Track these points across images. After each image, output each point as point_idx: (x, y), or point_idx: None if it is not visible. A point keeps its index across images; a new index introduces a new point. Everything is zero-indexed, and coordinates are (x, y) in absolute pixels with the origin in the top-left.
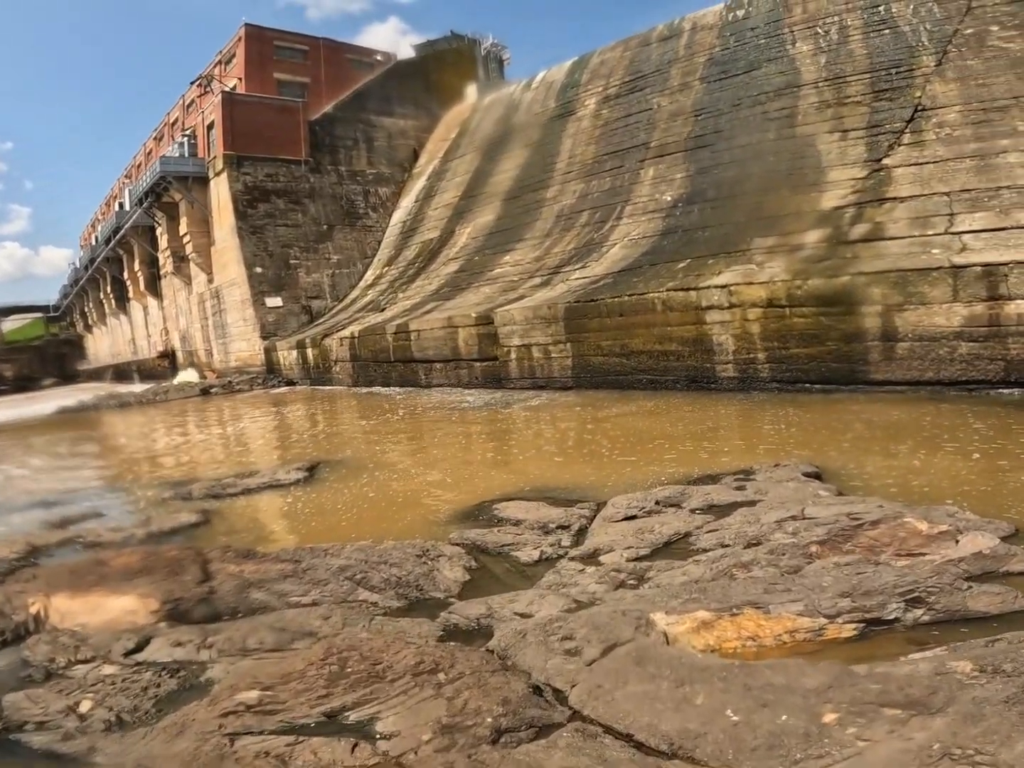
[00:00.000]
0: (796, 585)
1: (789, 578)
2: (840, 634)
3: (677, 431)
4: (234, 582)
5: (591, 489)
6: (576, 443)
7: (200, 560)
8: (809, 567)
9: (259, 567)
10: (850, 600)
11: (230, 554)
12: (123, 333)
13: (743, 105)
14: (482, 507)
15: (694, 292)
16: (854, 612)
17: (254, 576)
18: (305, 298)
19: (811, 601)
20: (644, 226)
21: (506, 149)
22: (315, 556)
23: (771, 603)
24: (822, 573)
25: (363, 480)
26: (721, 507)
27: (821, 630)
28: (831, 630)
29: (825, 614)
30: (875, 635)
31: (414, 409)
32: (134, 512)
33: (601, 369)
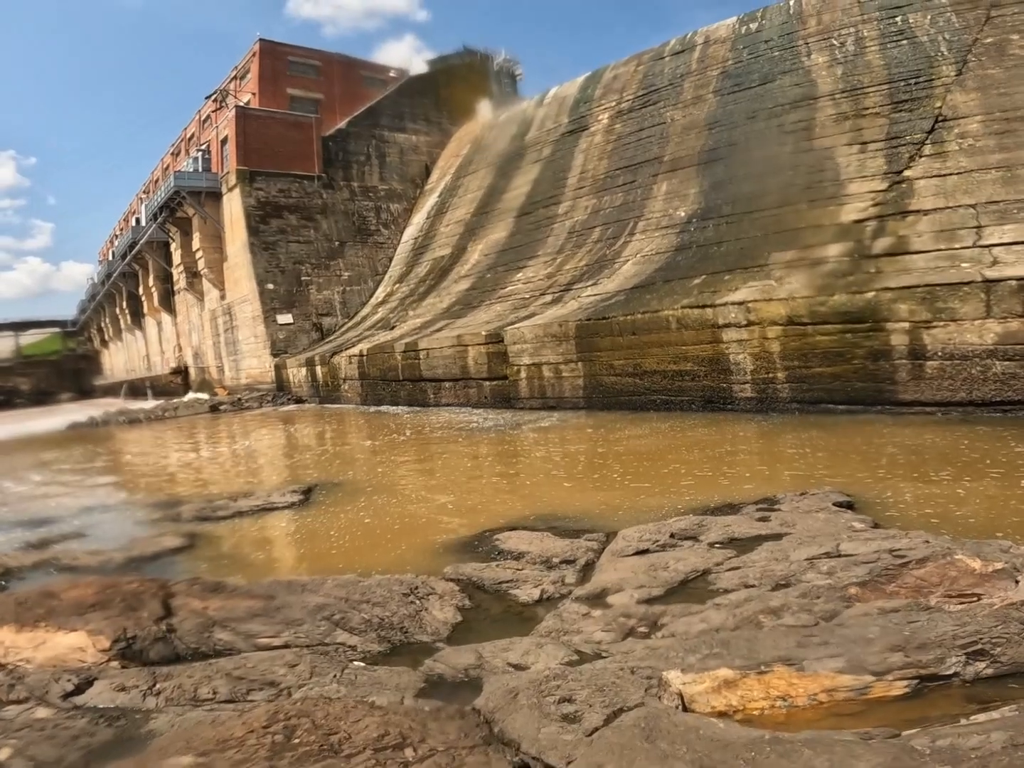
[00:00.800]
0: (835, 636)
1: (827, 628)
2: (889, 692)
3: (693, 455)
4: (196, 620)
5: (600, 518)
6: (586, 467)
7: (162, 594)
8: (848, 612)
9: (226, 603)
10: (902, 655)
11: (196, 588)
12: (138, 349)
13: (758, 118)
14: (483, 537)
15: (710, 309)
16: (907, 668)
17: (219, 614)
18: (316, 315)
19: (854, 655)
20: (657, 242)
21: (518, 165)
22: (291, 592)
23: (806, 658)
24: (866, 621)
25: (360, 504)
26: (743, 541)
27: (865, 688)
28: (878, 688)
29: (872, 671)
30: (928, 691)
31: (421, 429)
32: (119, 534)
33: (613, 389)
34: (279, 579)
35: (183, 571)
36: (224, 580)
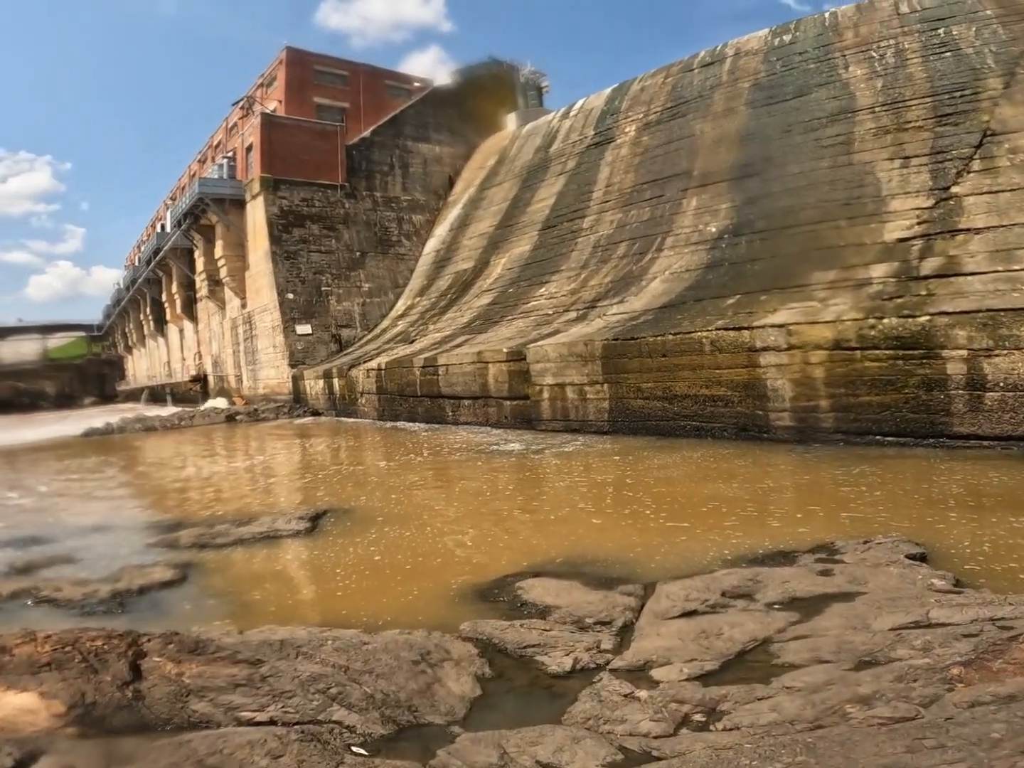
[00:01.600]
0: (952, 737)
1: (939, 725)
2: None
3: (733, 490)
4: (169, 688)
5: (636, 564)
6: (616, 501)
7: (131, 653)
8: (952, 698)
9: (206, 669)
10: None
11: (171, 648)
12: (160, 355)
13: (793, 131)
14: (504, 583)
15: (747, 332)
16: None
17: (197, 682)
18: (335, 326)
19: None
20: (687, 258)
21: (543, 178)
22: (282, 656)
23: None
24: (984, 714)
25: (370, 536)
26: (807, 601)
27: None
28: None
29: None
30: None
31: (439, 450)
32: (111, 560)
33: (641, 413)
34: (270, 638)
35: (168, 612)
36: (207, 635)
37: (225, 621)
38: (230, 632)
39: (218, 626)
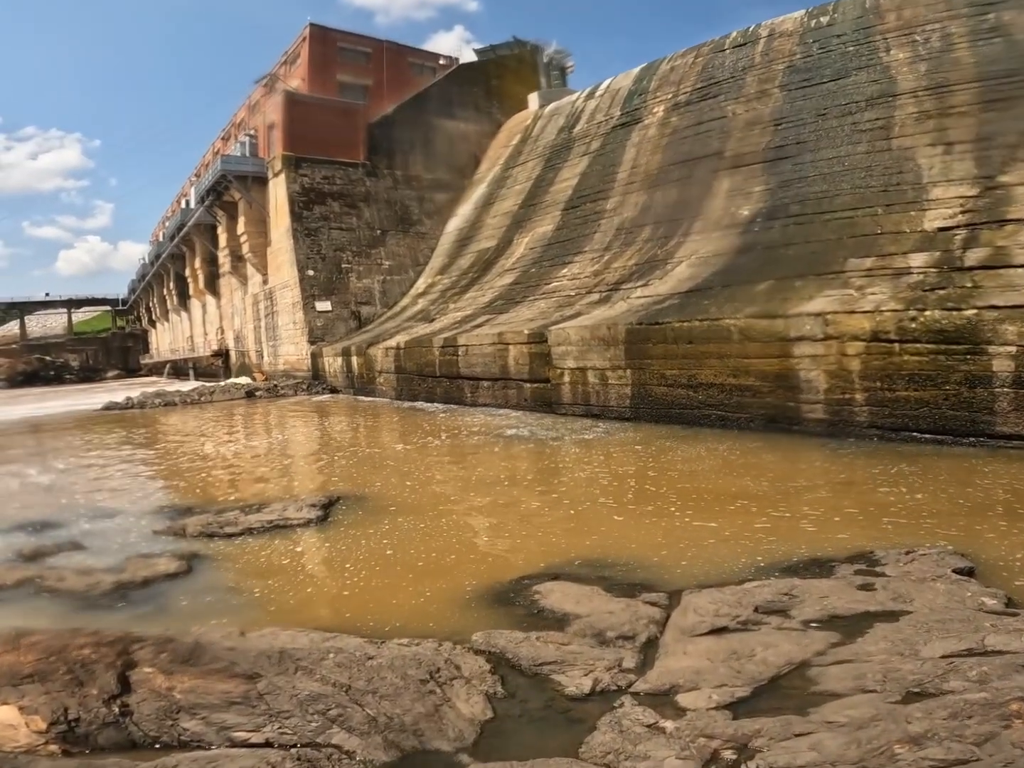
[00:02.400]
0: None
1: None
2: None
3: (763, 487)
4: (158, 703)
5: (661, 569)
6: (638, 495)
7: (120, 663)
8: (1008, 736)
9: (198, 683)
10: None
11: (164, 657)
12: (183, 330)
13: (830, 115)
14: (520, 586)
15: (780, 320)
16: None
17: (188, 698)
18: (355, 303)
19: None
20: (716, 243)
21: (566, 158)
22: (281, 671)
23: None
24: None
25: (383, 528)
26: (848, 620)
27: None
28: None
29: None
30: None
31: (457, 432)
32: (119, 548)
33: (664, 401)
34: (272, 645)
35: (170, 608)
36: (206, 638)
37: (227, 621)
38: (231, 635)
39: (219, 626)
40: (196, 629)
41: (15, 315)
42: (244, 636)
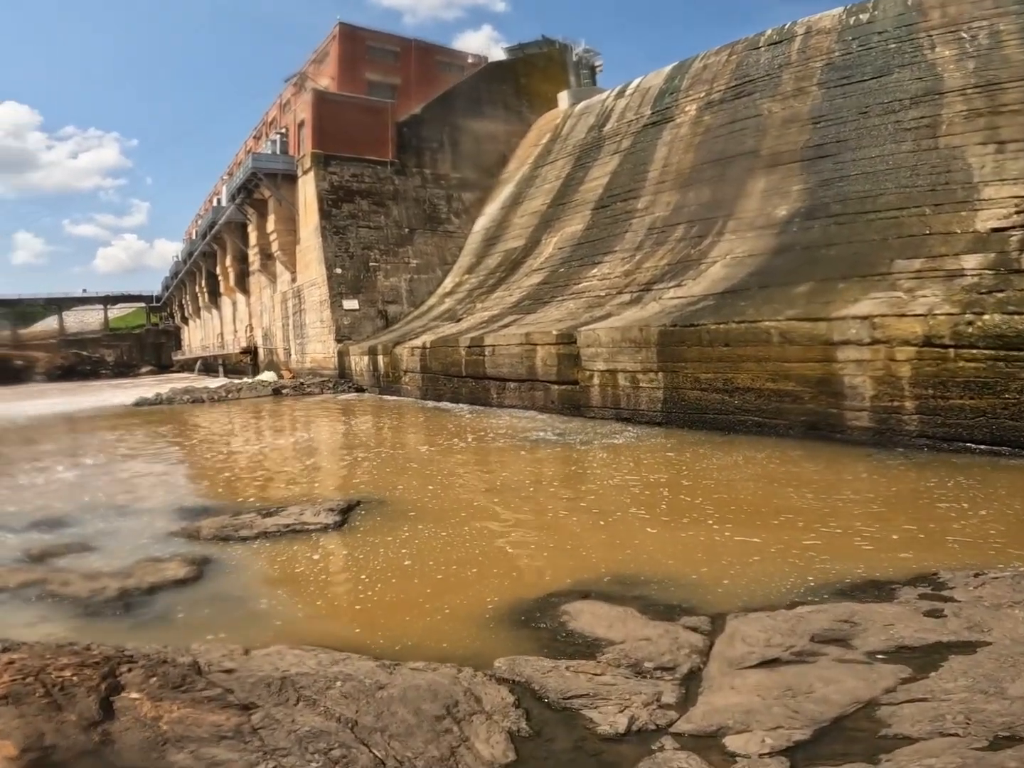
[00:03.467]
0: None
1: None
2: None
3: (808, 500)
4: (143, 733)
5: (701, 588)
6: (672, 506)
7: (104, 686)
8: None
9: (189, 712)
10: None
11: (155, 681)
12: (213, 326)
13: (871, 113)
14: (547, 605)
15: (823, 323)
16: None
17: (176, 729)
18: (382, 302)
19: None
20: (752, 242)
21: (596, 157)
22: (280, 701)
23: None
24: None
25: (403, 535)
26: (918, 651)
27: None
28: None
29: None
30: None
31: (483, 435)
32: (129, 550)
33: (697, 406)
34: (276, 666)
35: (174, 618)
36: (205, 657)
37: (231, 636)
38: (232, 653)
39: (221, 643)
40: (196, 646)
41: (54, 311)
42: (248, 655)
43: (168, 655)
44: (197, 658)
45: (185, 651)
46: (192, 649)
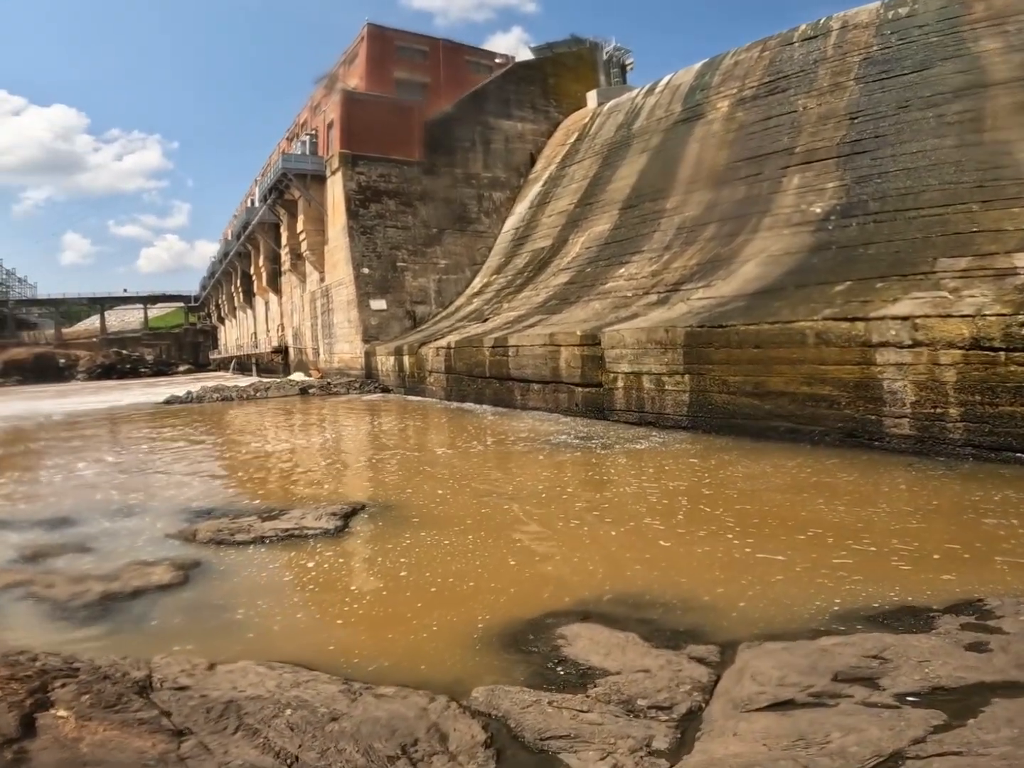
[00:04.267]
0: None
1: None
2: None
3: (839, 512)
4: (61, 754)
5: (714, 611)
6: (690, 517)
7: (31, 702)
8: None
9: (114, 735)
10: None
11: (87, 699)
12: (248, 326)
13: (912, 107)
14: (542, 626)
15: (861, 323)
16: None
17: (96, 752)
18: (410, 302)
19: None
20: (787, 240)
21: (624, 155)
22: (216, 729)
23: None
24: None
25: (403, 543)
26: (956, 693)
27: None
28: None
29: None
30: None
31: (503, 438)
32: (122, 551)
33: (725, 410)
34: (222, 694)
35: (148, 625)
36: (162, 673)
37: (202, 647)
38: (194, 668)
39: (187, 654)
40: (158, 659)
41: (96, 310)
42: (211, 671)
43: (120, 668)
44: (153, 672)
45: (143, 664)
46: (152, 662)
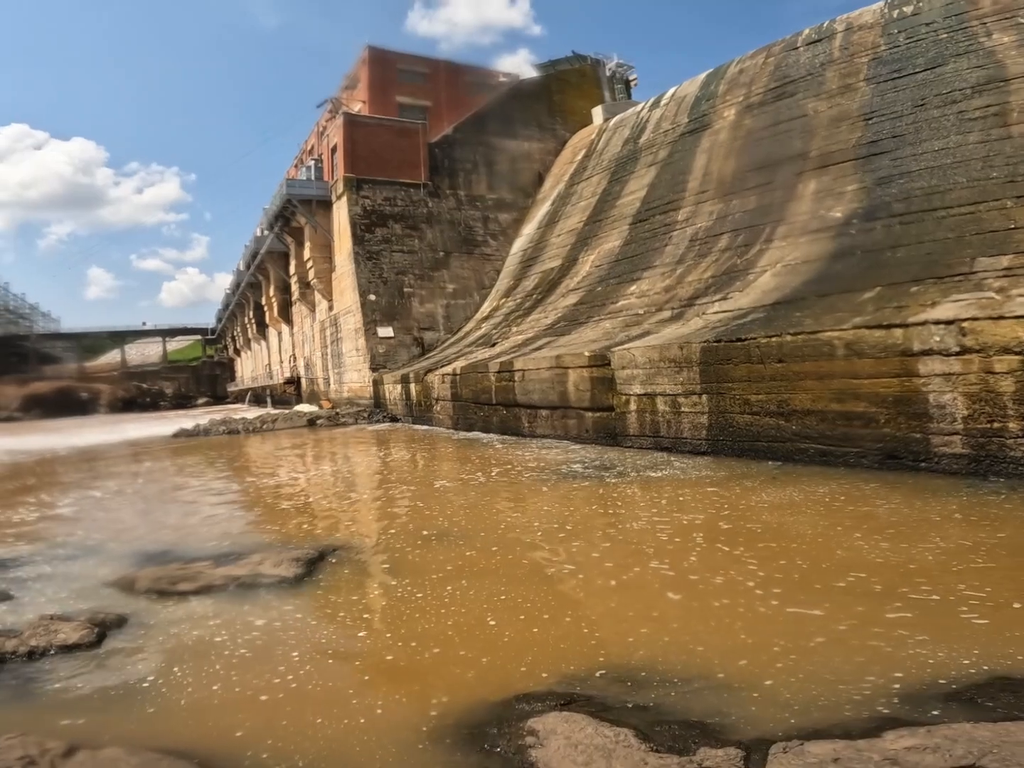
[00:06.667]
0: None
1: None
2: None
3: (885, 551)
4: None
5: (733, 691)
6: (705, 559)
7: None
8: None
9: None
10: None
11: None
12: (262, 358)
13: (929, 105)
14: (511, 714)
15: (899, 331)
16: None
17: None
18: (417, 329)
19: None
20: (805, 248)
21: (632, 169)
22: None
23: None
24: None
25: (369, 595)
26: None
27: None
28: None
29: None
30: None
31: (509, 468)
32: (43, 602)
33: (748, 432)
34: None
35: (29, 698)
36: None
37: (88, 723)
38: (44, 755)
39: (49, 734)
40: (4, 740)
41: (118, 343)
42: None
43: None
44: None
45: None
46: None
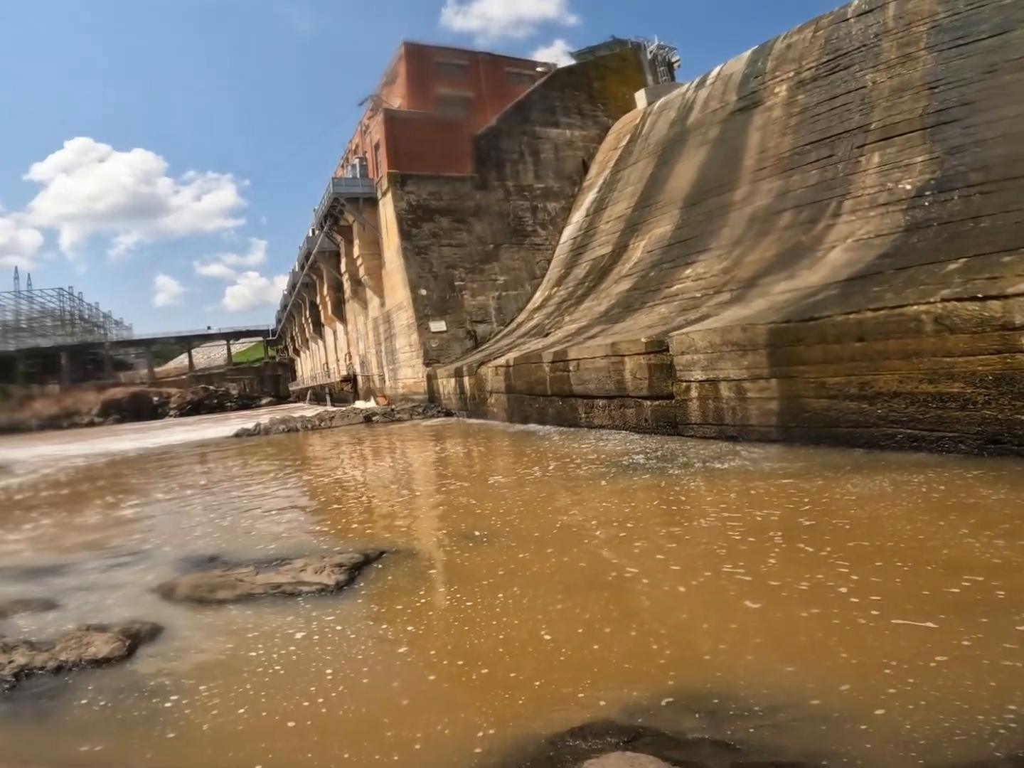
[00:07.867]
0: None
1: None
2: None
3: (1002, 550)
4: None
5: (833, 722)
6: (786, 561)
7: None
8: None
9: None
10: None
11: None
12: (319, 357)
13: (1001, 71)
14: (564, 749)
15: (996, 302)
16: None
17: None
18: (469, 322)
19: None
20: (876, 222)
21: (680, 151)
22: None
23: None
24: None
25: (414, 605)
26: None
27: None
28: None
29: None
30: None
31: (565, 462)
32: (88, 610)
33: (824, 417)
34: None
35: (44, 717)
36: None
37: (105, 749)
38: None
39: None
40: None
41: (185, 348)
42: None
43: None
44: None
45: None
46: None
